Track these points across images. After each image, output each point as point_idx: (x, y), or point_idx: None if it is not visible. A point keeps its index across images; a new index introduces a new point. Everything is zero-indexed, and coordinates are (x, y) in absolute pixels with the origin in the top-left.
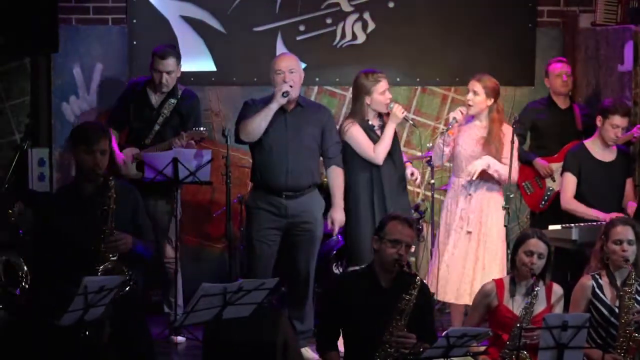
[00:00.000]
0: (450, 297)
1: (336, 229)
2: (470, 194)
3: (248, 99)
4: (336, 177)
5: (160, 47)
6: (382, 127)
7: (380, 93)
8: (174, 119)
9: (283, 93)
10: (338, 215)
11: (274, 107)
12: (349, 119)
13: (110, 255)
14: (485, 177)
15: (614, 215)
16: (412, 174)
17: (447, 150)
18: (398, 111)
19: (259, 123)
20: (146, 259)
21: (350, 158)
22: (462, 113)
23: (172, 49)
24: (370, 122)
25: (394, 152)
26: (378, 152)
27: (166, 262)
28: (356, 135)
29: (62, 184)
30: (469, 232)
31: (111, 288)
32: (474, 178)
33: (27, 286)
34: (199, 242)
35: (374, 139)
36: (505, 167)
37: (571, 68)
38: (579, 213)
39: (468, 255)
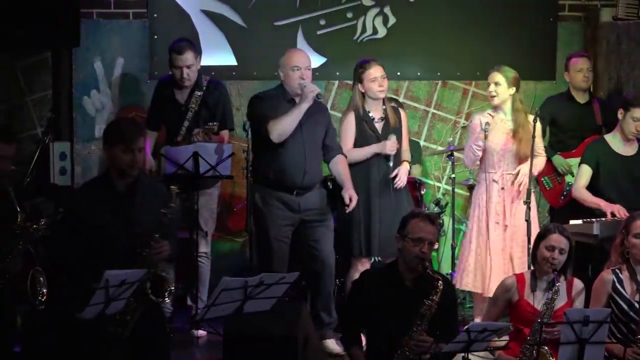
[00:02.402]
0: (486, 291)
1: (353, 203)
2: (503, 188)
3: (255, 94)
4: (345, 165)
5: (175, 43)
6: (384, 120)
7: (371, 80)
8: (203, 111)
9: (317, 95)
10: (352, 192)
11: (304, 107)
12: (346, 109)
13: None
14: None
15: (615, 206)
16: (395, 175)
17: (479, 154)
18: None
19: (291, 124)
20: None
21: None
22: (491, 116)
23: (188, 43)
24: (370, 114)
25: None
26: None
27: (198, 256)
28: (344, 127)
29: (83, 177)
30: (505, 226)
31: (132, 282)
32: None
33: (44, 301)
34: (220, 236)
35: (367, 131)
36: (536, 159)
37: (592, 62)
38: (585, 202)
39: (504, 249)
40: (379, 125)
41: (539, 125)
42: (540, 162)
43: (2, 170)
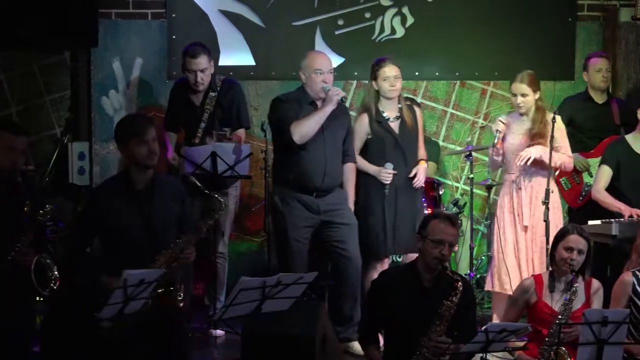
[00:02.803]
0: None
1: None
2: (520, 188)
3: (276, 97)
4: (352, 173)
5: (189, 47)
6: (399, 119)
7: (383, 79)
8: (218, 112)
9: (342, 98)
10: (350, 204)
11: (328, 110)
12: (359, 110)
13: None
14: (537, 166)
15: (635, 210)
16: (413, 175)
17: (499, 159)
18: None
19: (314, 126)
20: None
21: (363, 151)
22: (503, 123)
23: (202, 47)
24: (385, 114)
25: (407, 149)
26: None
27: (216, 256)
28: (354, 129)
29: (102, 177)
30: (525, 227)
31: (151, 281)
32: (523, 162)
33: (55, 288)
34: (238, 236)
35: (381, 132)
36: (562, 155)
37: (611, 62)
38: (605, 204)
39: (524, 250)
40: (394, 125)
41: (562, 125)
42: (564, 159)
43: (14, 164)
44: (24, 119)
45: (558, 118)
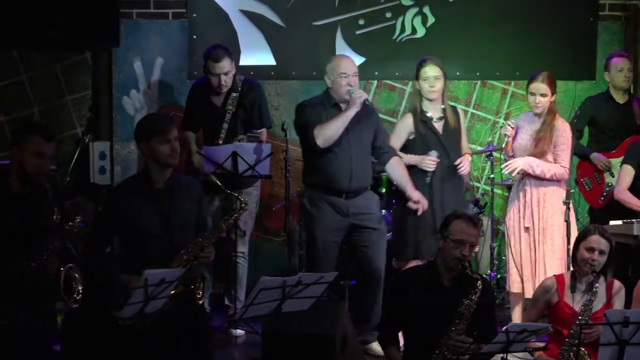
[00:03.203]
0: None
1: (424, 204)
2: (525, 189)
3: (301, 102)
4: (400, 166)
5: (211, 50)
6: (442, 120)
7: (423, 79)
8: (240, 112)
9: (365, 100)
10: (416, 194)
11: (351, 113)
12: (407, 109)
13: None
14: (531, 175)
15: None
16: (459, 163)
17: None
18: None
19: (338, 129)
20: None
21: (406, 150)
22: (511, 127)
23: (224, 50)
24: (428, 114)
25: (450, 149)
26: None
27: (236, 256)
28: (397, 126)
29: (123, 176)
30: (526, 228)
31: (171, 281)
32: (511, 174)
33: (79, 299)
34: (258, 235)
35: (425, 131)
36: (553, 164)
37: (633, 62)
38: (629, 204)
39: (527, 251)
40: (438, 125)
41: (570, 134)
42: (555, 171)
43: (41, 168)
44: (45, 119)
45: (567, 125)
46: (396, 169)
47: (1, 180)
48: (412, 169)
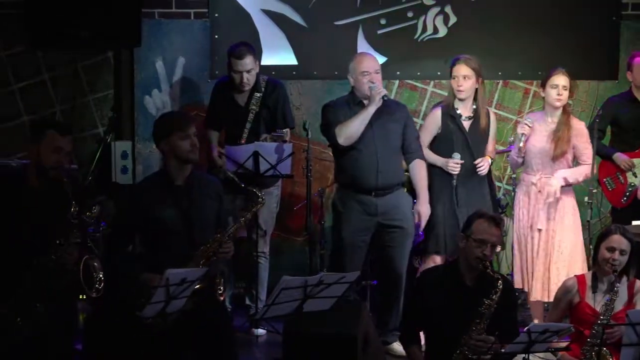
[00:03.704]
0: (532, 294)
1: (423, 223)
2: (540, 191)
3: (326, 101)
4: (420, 170)
5: (234, 47)
6: (472, 119)
7: (452, 78)
8: (263, 112)
9: (383, 97)
10: (424, 209)
11: (372, 110)
12: (438, 103)
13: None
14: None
15: None
16: (478, 163)
17: (520, 160)
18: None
19: (359, 127)
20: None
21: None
22: (528, 126)
23: (247, 47)
24: (458, 111)
25: (475, 150)
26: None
27: (257, 255)
28: (425, 121)
29: (144, 176)
30: (539, 230)
31: (192, 280)
32: (556, 197)
33: (100, 288)
34: (279, 235)
35: (451, 128)
36: (580, 167)
37: None
38: None
39: (540, 252)
40: (466, 124)
41: (586, 131)
42: (586, 172)
43: (58, 163)
44: (67, 118)
45: (582, 123)
46: (416, 173)
47: (21, 177)
48: (436, 168)
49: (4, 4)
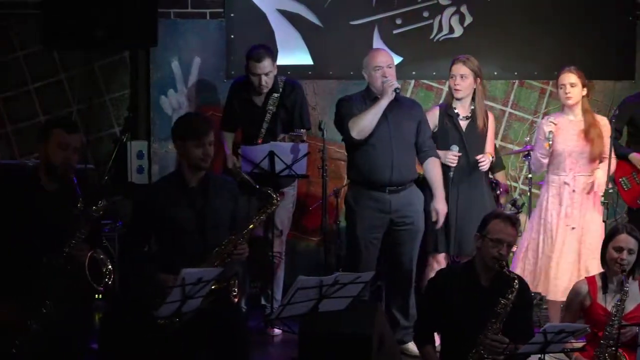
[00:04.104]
0: (552, 294)
1: (441, 221)
2: (574, 190)
3: (341, 96)
4: (435, 168)
5: (253, 49)
6: (469, 118)
7: (450, 77)
8: (281, 113)
9: (395, 89)
10: (441, 206)
11: (384, 103)
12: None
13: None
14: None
15: None
16: (479, 158)
17: (545, 161)
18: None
19: (371, 120)
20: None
21: None
22: (554, 124)
23: (266, 50)
24: (456, 110)
25: (470, 149)
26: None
27: (272, 255)
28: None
29: (160, 176)
30: (573, 228)
31: (208, 280)
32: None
33: (109, 282)
34: (295, 235)
35: (448, 126)
36: (606, 165)
37: None
38: None
39: (573, 252)
40: (463, 123)
41: (609, 128)
42: (613, 165)
43: (67, 160)
44: (84, 118)
45: (606, 119)
46: (431, 170)
47: (32, 177)
48: None
49: (20, 4)
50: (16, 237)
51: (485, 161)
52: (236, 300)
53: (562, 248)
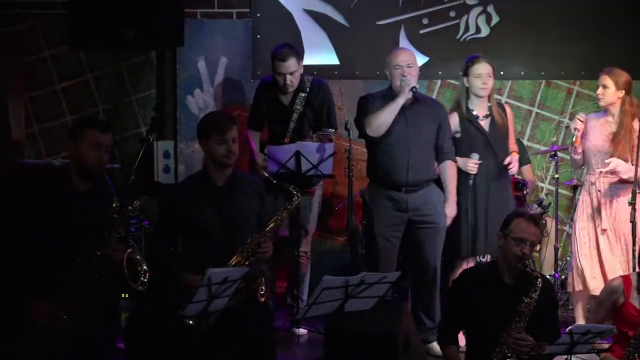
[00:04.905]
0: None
1: (448, 222)
2: (599, 190)
3: (363, 95)
4: (450, 171)
5: (278, 49)
6: (489, 117)
7: (475, 76)
8: (308, 112)
9: (412, 88)
10: (450, 210)
11: (400, 101)
12: (451, 108)
13: (250, 258)
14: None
15: None
16: (508, 162)
17: (577, 157)
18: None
19: (386, 117)
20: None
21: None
22: (581, 121)
23: (291, 49)
24: (474, 112)
25: (497, 148)
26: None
27: (298, 255)
28: None
29: (186, 175)
30: (604, 230)
31: (234, 279)
32: (604, 170)
33: (146, 281)
34: (321, 235)
35: (472, 130)
36: (630, 167)
37: None
38: None
39: (606, 252)
40: (484, 123)
41: None
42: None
43: (99, 160)
44: (110, 118)
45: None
46: (446, 173)
47: (63, 176)
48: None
49: (48, 5)
50: (49, 238)
51: (513, 164)
52: (263, 299)
53: (593, 246)
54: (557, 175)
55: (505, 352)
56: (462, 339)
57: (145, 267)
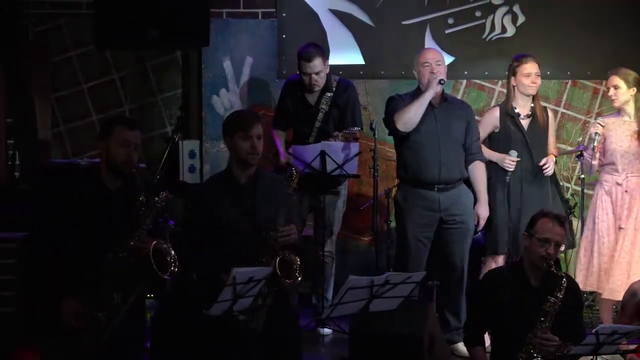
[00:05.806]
0: (607, 293)
1: (482, 224)
2: (626, 190)
3: (392, 95)
4: (479, 172)
5: (304, 49)
6: (530, 117)
7: (524, 75)
8: (333, 112)
9: (440, 80)
10: (483, 211)
11: (429, 95)
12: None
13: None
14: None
15: None
16: (544, 163)
17: (595, 162)
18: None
19: (415, 112)
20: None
21: (488, 144)
22: (601, 126)
23: (317, 48)
24: (517, 110)
25: (534, 148)
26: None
27: (323, 255)
28: (483, 119)
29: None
30: (620, 228)
31: (259, 279)
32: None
33: (176, 270)
34: (346, 234)
35: (510, 127)
36: None
37: None
38: None
39: (626, 253)
40: (525, 122)
41: None
42: None
43: (129, 157)
44: (136, 118)
45: None
46: (475, 174)
47: (94, 176)
48: (493, 165)
49: (74, 4)
50: (81, 236)
51: (549, 165)
52: (290, 281)
53: (615, 247)
54: (583, 176)
55: (531, 352)
56: (486, 339)
57: (173, 254)
